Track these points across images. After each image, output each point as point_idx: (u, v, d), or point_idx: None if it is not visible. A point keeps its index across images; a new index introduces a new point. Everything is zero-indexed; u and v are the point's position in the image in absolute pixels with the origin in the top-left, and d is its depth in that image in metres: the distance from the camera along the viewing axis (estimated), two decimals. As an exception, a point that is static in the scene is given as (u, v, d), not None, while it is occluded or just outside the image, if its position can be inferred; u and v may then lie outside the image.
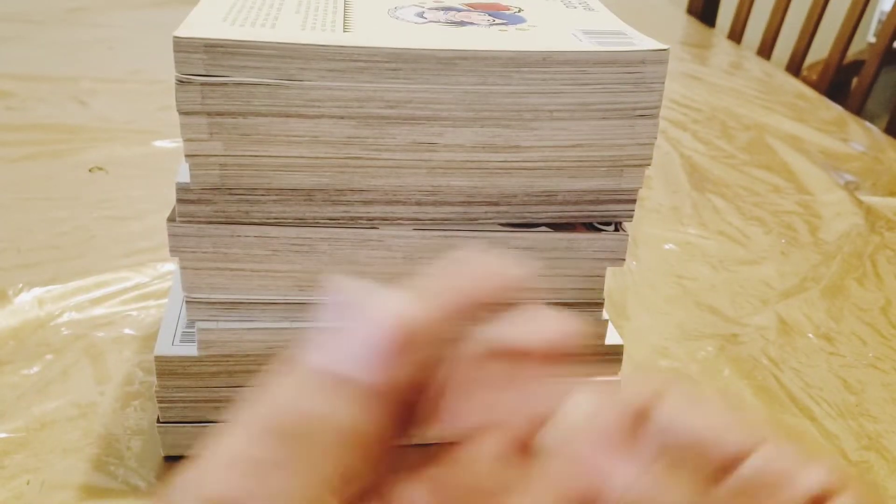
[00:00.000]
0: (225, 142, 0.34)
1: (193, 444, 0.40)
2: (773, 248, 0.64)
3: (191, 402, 0.39)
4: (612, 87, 0.35)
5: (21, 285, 0.53)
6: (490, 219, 0.37)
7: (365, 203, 0.36)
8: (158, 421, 0.40)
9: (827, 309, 0.57)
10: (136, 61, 0.92)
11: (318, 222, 0.37)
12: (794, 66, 1.14)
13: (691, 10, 1.33)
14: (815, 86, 1.04)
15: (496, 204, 0.37)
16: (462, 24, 0.37)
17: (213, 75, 0.33)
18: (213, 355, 0.38)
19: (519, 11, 0.40)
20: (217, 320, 0.38)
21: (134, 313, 0.51)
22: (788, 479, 0.18)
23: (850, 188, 0.75)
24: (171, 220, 0.36)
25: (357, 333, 0.18)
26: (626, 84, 0.35)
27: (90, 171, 0.69)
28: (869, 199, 0.73)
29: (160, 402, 0.39)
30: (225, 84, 0.33)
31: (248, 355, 0.38)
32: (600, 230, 0.38)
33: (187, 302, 0.38)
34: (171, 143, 0.74)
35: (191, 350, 0.38)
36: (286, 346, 0.39)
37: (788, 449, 0.18)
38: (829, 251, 0.64)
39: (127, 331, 0.50)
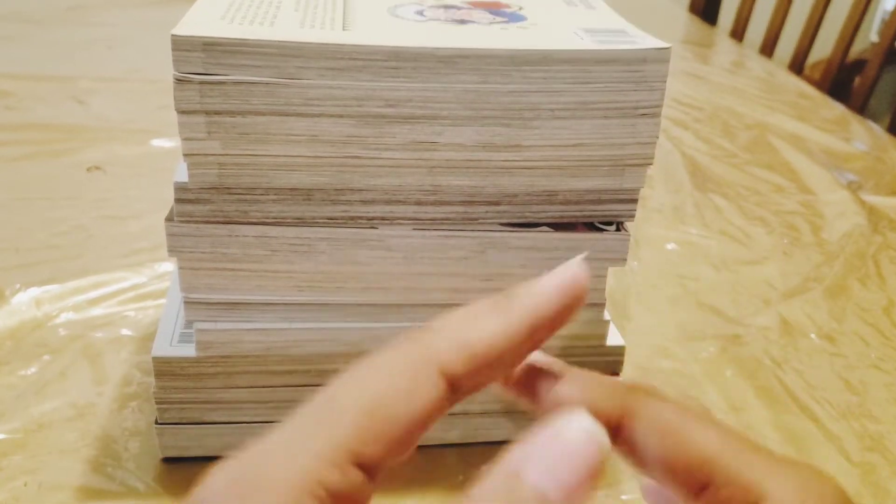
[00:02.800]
0: (223, 141, 0.34)
1: (191, 445, 0.40)
2: (776, 248, 0.64)
3: (189, 403, 0.39)
4: (613, 85, 0.35)
5: (18, 285, 0.53)
6: (490, 218, 0.37)
7: (364, 203, 0.36)
8: (156, 422, 0.39)
9: (829, 309, 0.57)
10: (134, 60, 0.92)
11: (317, 222, 0.36)
12: (797, 65, 1.14)
13: (693, 9, 1.33)
14: (817, 85, 1.04)
15: (497, 203, 0.37)
16: (462, 22, 0.37)
17: (212, 74, 0.33)
18: (211, 356, 0.38)
19: (520, 9, 0.40)
20: (215, 321, 0.38)
21: (132, 314, 0.51)
22: None
23: (853, 188, 0.75)
24: (169, 219, 0.36)
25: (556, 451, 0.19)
26: (627, 83, 0.35)
27: (88, 170, 0.68)
28: (871, 198, 0.73)
29: (158, 403, 0.39)
30: (223, 83, 0.33)
31: (246, 356, 0.38)
32: (602, 230, 0.38)
33: (185, 302, 0.37)
34: (170, 143, 0.73)
35: (189, 351, 0.38)
36: (285, 347, 0.38)
37: None
38: (832, 251, 0.64)
39: (125, 331, 0.49)
